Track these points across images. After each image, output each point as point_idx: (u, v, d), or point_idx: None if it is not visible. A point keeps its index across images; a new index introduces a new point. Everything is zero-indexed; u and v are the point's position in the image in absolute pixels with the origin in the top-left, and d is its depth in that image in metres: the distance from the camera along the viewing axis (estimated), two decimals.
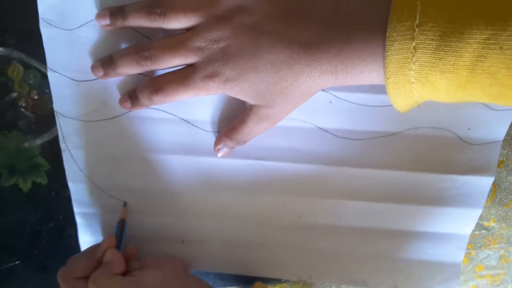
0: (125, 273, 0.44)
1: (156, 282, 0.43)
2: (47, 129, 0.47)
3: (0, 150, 0.48)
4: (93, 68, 0.42)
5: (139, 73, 0.43)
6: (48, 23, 0.42)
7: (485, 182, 0.47)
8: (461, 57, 0.32)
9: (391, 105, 0.43)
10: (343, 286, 0.53)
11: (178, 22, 0.38)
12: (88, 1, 0.41)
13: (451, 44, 0.32)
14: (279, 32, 0.37)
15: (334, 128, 0.45)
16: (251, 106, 0.40)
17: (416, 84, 0.34)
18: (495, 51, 0.31)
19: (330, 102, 0.44)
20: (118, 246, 0.45)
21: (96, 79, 0.43)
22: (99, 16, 0.40)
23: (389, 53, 0.34)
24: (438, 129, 0.45)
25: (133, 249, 0.47)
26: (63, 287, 0.42)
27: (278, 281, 0.53)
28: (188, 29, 0.39)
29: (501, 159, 0.48)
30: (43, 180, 0.49)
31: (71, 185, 0.48)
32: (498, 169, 0.48)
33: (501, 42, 0.31)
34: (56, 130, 0.46)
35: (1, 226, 0.51)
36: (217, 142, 0.44)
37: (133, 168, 0.47)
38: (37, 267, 0.53)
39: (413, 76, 0.34)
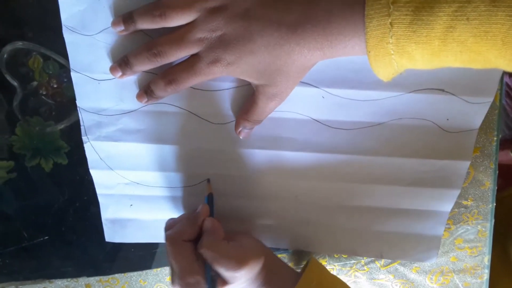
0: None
1: (254, 245, 0.48)
2: (67, 115, 0.50)
3: (23, 134, 0.51)
4: (112, 69, 0.45)
5: (151, 72, 0.46)
6: (71, 30, 0.45)
7: (462, 166, 0.50)
8: (433, 29, 0.34)
9: (377, 100, 0.47)
10: (336, 255, 0.58)
11: (178, 19, 0.41)
12: (104, 11, 0.44)
13: (423, 18, 0.34)
14: (268, 17, 0.40)
15: (327, 119, 0.48)
16: (257, 87, 0.44)
17: (395, 55, 0.37)
18: (463, 22, 0.33)
19: (323, 97, 0.47)
20: (211, 215, 0.49)
21: (114, 78, 0.46)
22: (114, 23, 0.43)
23: (368, 30, 0.36)
24: (420, 120, 0.48)
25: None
26: (171, 247, 0.45)
27: (277, 250, 0.58)
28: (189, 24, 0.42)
29: (478, 145, 0.51)
30: (63, 161, 0.53)
31: (93, 172, 0.52)
32: (475, 154, 0.51)
33: (468, 13, 0.33)
34: (76, 115, 0.49)
35: (31, 205, 0.55)
36: (237, 126, 0.47)
37: (147, 155, 0.50)
38: (64, 242, 0.57)
39: (391, 49, 0.36)
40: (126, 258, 0.59)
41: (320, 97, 0.47)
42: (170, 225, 0.48)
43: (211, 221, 0.47)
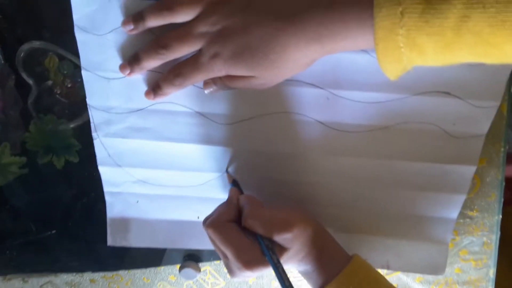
0: None
1: (299, 210, 0.47)
2: (79, 114, 0.51)
3: (36, 132, 0.53)
4: (121, 67, 0.46)
5: (158, 71, 0.47)
6: (82, 29, 0.46)
7: (468, 170, 0.49)
8: (446, 19, 0.32)
9: (382, 102, 0.47)
10: None
11: (185, 14, 0.42)
12: (114, 11, 0.45)
13: (436, 6, 0.32)
14: (267, 8, 0.39)
15: (331, 121, 0.48)
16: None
17: (404, 49, 0.34)
18: (478, 10, 0.31)
19: (328, 98, 0.47)
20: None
21: (123, 77, 0.47)
22: (124, 23, 0.44)
23: (377, 20, 0.34)
24: (426, 124, 0.48)
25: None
26: (216, 232, 0.44)
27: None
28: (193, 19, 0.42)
29: (484, 156, 0.50)
30: (75, 159, 0.54)
31: (101, 168, 0.53)
32: (482, 165, 0.51)
33: (484, 0, 0.31)
34: (88, 115, 0.50)
35: (40, 200, 0.56)
36: (212, 81, 0.45)
37: (153, 153, 0.51)
38: (71, 236, 0.58)
39: (401, 41, 0.34)
40: (130, 256, 0.60)
41: (324, 98, 0.47)
42: (207, 219, 0.47)
43: (245, 197, 0.47)
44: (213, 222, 0.45)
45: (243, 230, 0.45)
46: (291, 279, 0.42)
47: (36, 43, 0.49)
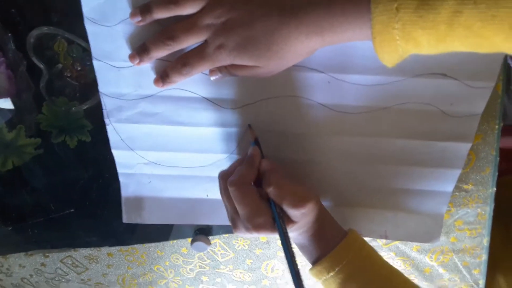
0: None
1: (309, 187, 0.49)
2: (90, 96, 0.53)
3: (50, 113, 0.54)
4: (130, 57, 0.47)
5: (166, 60, 0.48)
6: (92, 21, 0.47)
7: (464, 147, 0.51)
8: (439, 14, 0.34)
9: (382, 84, 0.48)
10: None
11: (191, 7, 0.43)
12: (122, 3, 0.46)
13: (430, 2, 0.34)
14: (270, 2, 0.41)
15: (333, 103, 0.50)
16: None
17: (400, 41, 0.36)
18: (470, 6, 0.33)
19: (329, 82, 0.48)
20: (262, 157, 0.50)
21: (133, 66, 0.48)
22: (132, 14, 0.45)
23: (374, 15, 0.36)
24: (424, 104, 0.49)
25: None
26: (237, 191, 0.46)
27: None
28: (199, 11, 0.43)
29: (479, 133, 0.52)
30: (87, 138, 0.56)
31: (114, 152, 0.55)
32: (477, 142, 0.53)
33: None
34: (98, 96, 0.51)
35: (57, 180, 0.59)
36: (217, 69, 0.47)
37: (163, 136, 0.53)
38: (88, 214, 0.61)
39: (397, 34, 0.36)
40: (145, 230, 0.62)
41: (326, 82, 0.48)
42: (225, 174, 0.49)
43: (268, 162, 0.49)
44: (234, 182, 0.46)
45: (257, 190, 0.47)
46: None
47: (45, 28, 0.49)
